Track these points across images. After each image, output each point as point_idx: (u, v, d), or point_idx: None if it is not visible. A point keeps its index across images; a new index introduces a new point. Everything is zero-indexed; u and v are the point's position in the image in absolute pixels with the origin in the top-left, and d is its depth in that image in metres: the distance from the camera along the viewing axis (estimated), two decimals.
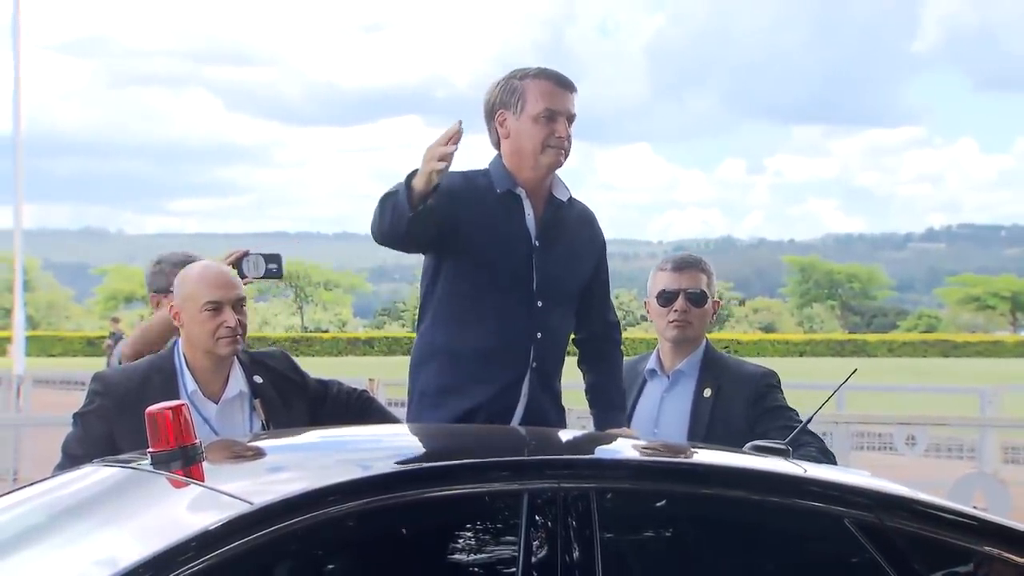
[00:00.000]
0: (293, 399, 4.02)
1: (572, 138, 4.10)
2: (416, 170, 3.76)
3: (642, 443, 3.68)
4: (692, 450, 3.55)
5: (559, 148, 4.03)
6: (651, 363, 4.33)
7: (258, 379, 3.99)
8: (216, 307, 3.89)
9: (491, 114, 4.11)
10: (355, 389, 4.22)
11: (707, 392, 4.18)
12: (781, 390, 4.25)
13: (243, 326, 3.93)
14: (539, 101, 4.02)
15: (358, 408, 4.12)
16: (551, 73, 4.10)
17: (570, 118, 4.07)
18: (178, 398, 3.72)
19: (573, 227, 4.18)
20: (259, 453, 3.32)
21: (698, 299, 4.25)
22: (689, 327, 4.24)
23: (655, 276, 4.33)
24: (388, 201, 3.82)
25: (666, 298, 4.26)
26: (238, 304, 3.94)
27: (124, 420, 3.74)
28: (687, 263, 4.31)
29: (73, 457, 3.76)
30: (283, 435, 3.65)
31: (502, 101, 4.07)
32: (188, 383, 3.92)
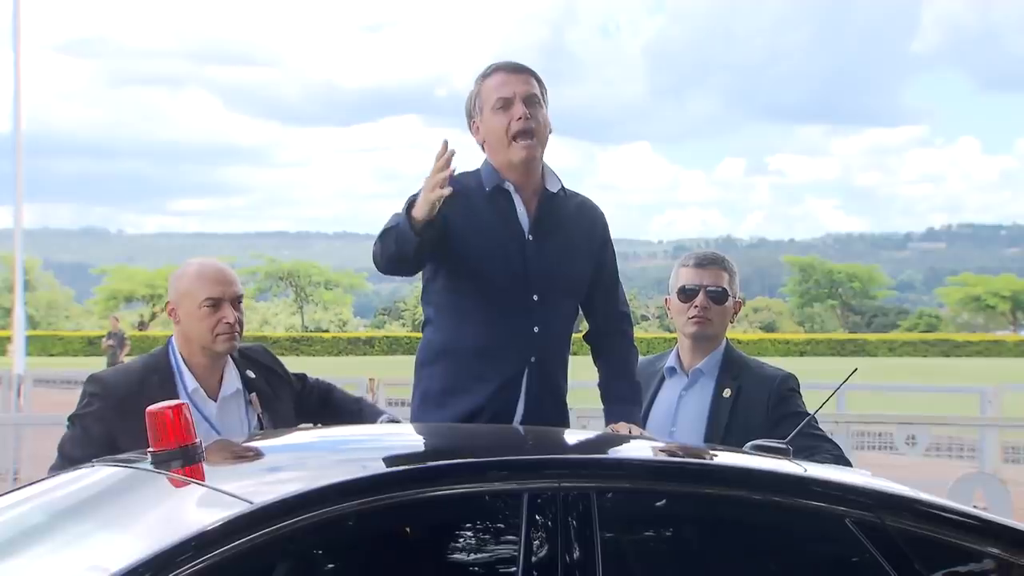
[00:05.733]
0: (281, 392, 4.05)
1: (545, 119, 4.08)
2: (414, 199, 3.81)
3: (643, 443, 3.68)
4: (693, 450, 3.55)
5: (524, 131, 4.02)
6: (670, 361, 4.29)
7: (250, 374, 4.00)
8: (215, 303, 3.88)
9: (470, 127, 4.19)
10: (319, 380, 4.28)
11: (726, 393, 4.14)
12: (801, 395, 4.21)
13: (240, 323, 3.92)
14: (492, 95, 4.07)
15: (319, 397, 4.18)
16: (500, 64, 4.15)
17: (528, 99, 4.05)
18: (177, 397, 3.72)
19: (570, 219, 4.16)
20: (259, 453, 3.31)
21: (719, 297, 4.22)
22: (709, 324, 4.21)
23: (677, 272, 4.30)
24: (390, 234, 3.87)
25: (687, 294, 4.23)
26: (236, 301, 3.94)
27: (125, 421, 3.70)
28: (709, 260, 4.28)
29: (71, 459, 3.70)
30: (283, 435, 3.65)
31: (469, 111, 4.17)
32: (188, 381, 3.91)
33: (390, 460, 3.02)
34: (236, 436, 3.76)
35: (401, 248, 3.84)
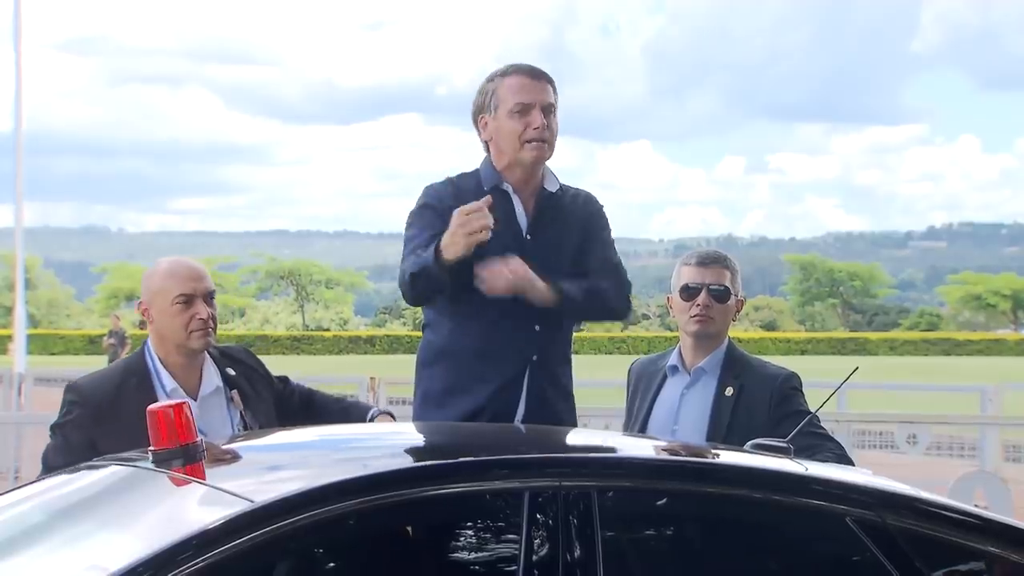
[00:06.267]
0: (262, 391, 4.03)
1: (556, 127, 4.10)
2: (439, 242, 3.85)
3: (645, 442, 3.68)
4: (694, 449, 3.55)
5: (539, 140, 4.04)
6: (672, 359, 4.28)
7: (230, 371, 3.97)
8: (187, 300, 3.85)
9: (475, 121, 4.17)
10: (301, 384, 4.26)
11: (728, 391, 4.14)
12: (803, 394, 4.21)
13: (214, 319, 3.90)
14: (510, 97, 4.05)
15: (301, 399, 4.14)
16: (521, 67, 4.12)
17: (546, 108, 4.06)
18: (156, 398, 3.67)
19: (567, 215, 4.18)
20: (260, 452, 3.32)
21: (721, 295, 4.22)
22: (711, 322, 4.20)
23: (679, 271, 4.30)
24: (420, 277, 3.92)
25: (689, 293, 4.22)
26: (208, 297, 3.90)
27: (104, 427, 3.70)
28: (712, 259, 4.28)
29: (55, 468, 3.62)
30: (283, 434, 3.65)
31: (479, 106, 4.14)
32: (166, 382, 3.87)
33: (391, 459, 3.02)
34: (220, 434, 3.74)
35: (435, 288, 3.96)
